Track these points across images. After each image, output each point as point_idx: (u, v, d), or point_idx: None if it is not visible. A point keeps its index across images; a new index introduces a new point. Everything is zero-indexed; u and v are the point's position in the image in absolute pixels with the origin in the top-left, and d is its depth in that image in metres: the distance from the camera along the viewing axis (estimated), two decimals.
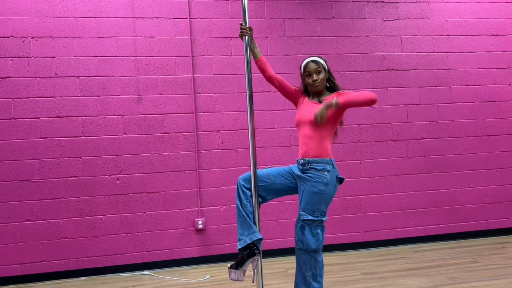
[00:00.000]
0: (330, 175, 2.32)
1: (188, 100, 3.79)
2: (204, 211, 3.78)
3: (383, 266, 3.50)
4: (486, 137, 4.29)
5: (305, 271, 2.34)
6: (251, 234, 2.31)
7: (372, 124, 4.10)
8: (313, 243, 2.31)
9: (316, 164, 2.32)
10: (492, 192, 4.28)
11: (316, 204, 2.30)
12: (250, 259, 2.29)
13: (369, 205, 4.06)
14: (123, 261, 3.64)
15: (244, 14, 2.43)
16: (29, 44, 3.55)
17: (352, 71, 4.08)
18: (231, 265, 2.29)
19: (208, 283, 3.27)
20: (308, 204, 2.31)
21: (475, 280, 3.07)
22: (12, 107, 3.51)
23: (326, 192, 2.30)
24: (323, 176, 2.30)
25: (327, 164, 2.32)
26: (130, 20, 3.72)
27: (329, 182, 2.30)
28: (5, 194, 3.48)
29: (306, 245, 2.31)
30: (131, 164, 3.68)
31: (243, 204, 2.36)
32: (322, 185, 2.29)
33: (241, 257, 2.28)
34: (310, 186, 2.31)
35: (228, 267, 2.29)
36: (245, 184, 2.39)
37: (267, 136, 3.90)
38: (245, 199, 2.36)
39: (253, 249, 2.28)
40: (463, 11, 4.31)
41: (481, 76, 4.31)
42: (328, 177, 2.31)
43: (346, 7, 4.11)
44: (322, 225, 2.35)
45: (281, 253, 3.86)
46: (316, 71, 2.44)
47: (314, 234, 2.31)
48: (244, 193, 2.38)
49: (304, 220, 2.31)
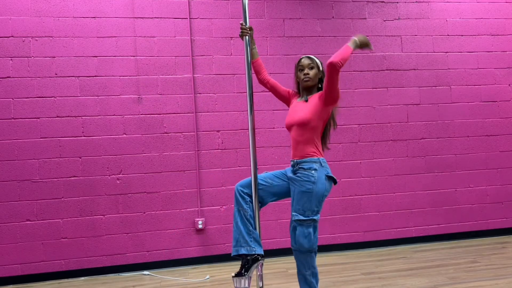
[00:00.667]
0: (318, 173, 2.31)
1: (188, 100, 3.79)
2: (204, 211, 3.78)
3: (383, 266, 3.50)
4: (486, 137, 4.29)
5: (304, 271, 2.34)
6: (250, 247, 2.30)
7: (372, 124, 4.10)
8: (306, 243, 2.29)
9: (304, 164, 2.33)
10: (492, 192, 4.28)
11: (306, 203, 2.29)
12: (255, 264, 2.28)
13: (369, 205, 4.06)
14: (123, 261, 3.64)
15: (245, 14, 2.43)
16: (29, 44, 3.55)
17: (352, 71, 4.08)
18: (235, 273, 2.25)
19: (208, 283, 3.27)
20: (299, 204, 2.31)
21: (475, 280, 3.07)
22: (12, 107, 3.52)
23: (315, 190, 2.29)
24: (309, 174, 2.30)
25: (314, 163, 2.32)
26: (130, 20, 3.72)
27: (316, 181, 2.30)
28: (5, 194, 3.48)
29: (299, 245, 2.30)
30: (131, 164, 3.68)
31: (243, 209, 2.36)
32: (309, 184, 2.29)
33: (245, 263, 2.26)
34: (299, 186, 2.32)
35: (233, 276, 2.24)
36: (243, 189, 2.39)
37: (267, 136, 3.90)
38: (245, 204, 2.36)
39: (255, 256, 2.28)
40: (463, 11, 4.31)
41: (481, 76, 4.32)
42: (315, 175, 2.30)
43: (346, 7, 4.11)
44: (314, 225, 2.32)
45: (281, 253, 3.86)
46: (309, 66, 2.45)
47: (306, 234, 2.29)
48: (243, 198, 2.38)
49: (296, 220, 2.31)
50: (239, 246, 2.32)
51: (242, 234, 2.33)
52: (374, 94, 4.11)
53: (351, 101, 4.06)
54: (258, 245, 2.33)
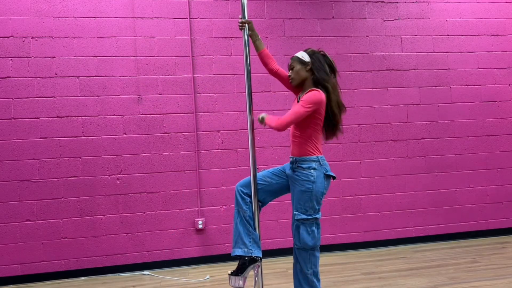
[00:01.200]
0: (317, 172, 2.32)
1: (188, 100, 3.79)
2: (204, 211, 3.78)
3: (383, 266, 3.50)
4: (486, 137, 4.29)
5: (306, 269, 2.34)
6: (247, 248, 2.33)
7: (372, 124, 4.10)
8: (310, 240, 2.32)
9: (302, 163, 2.34)
10: (492, 192, 4.28)
11: (307, 202, 2.32)
12: (252, 265, 2.30)
13: (369, 205, 4.06)
14: (123, 261, 3.64)
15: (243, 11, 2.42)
16: (29, 44, 3.55)
17: (352, 71, 4.08)
18: (231, 271, 2.29)
19: (208, 283, 3.27)
20: (300, 203, 2.33)
21: (475, 280, 3.07)
22: (12, 107, 3.51)
23: (314, 189, 2.31)
24: (309, 174, 2.32)
25: (313, 162, 2.33)
26: (130, 20, 3.72)
27: (316, 180, 2.32)
28: (5, 194, 3.48)
29: (304, 243, 2.33)
30: (131, 164, 3.68)
31: (243, 210, 2.37)
32: (309, 183, 2.31)
33: (242, 263, 2.29)
34: (299, 185, 2.34)
35: (229, 273, 2.28)
36: (243, 189, 2.41)
37: (267, 136, 3.90)
38: (245, 205, 2.37)
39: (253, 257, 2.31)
40: (463, 11, 4.31)
41: (481, 76, 4.31)
42: (314, 175, 2.32)
43: (346, 7, 4.11)
44: (316, 222, 2.36)
45: (281, 253, 3.86)
46: (290, 67, 2.48)
47: (309, 232, 2.33)
48: (243, 199, 2.39)
49: (298, 219, 2.33)
50: (237, 247, 2.35)
51: (240, 235, 2.36)
52: (374, 94, 4.11)
53: (351, 101, 4.06)
54: (256, 246, 2.35)
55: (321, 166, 2.35)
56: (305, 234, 2.32)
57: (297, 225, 2.35)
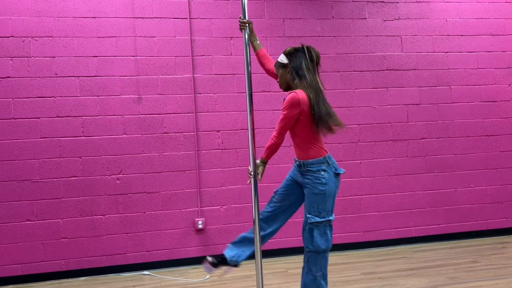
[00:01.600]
0: (328, 173, 2.30)
1: (188, 100, 3.79)
2: (204, 211, 3.78)
3: (383, 266, 3.50)
4: (486, 137, 4.29)
5: (315, 272, 2.32)
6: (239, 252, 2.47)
7: (372, 124, 4.10)
8: (323, 243, 2.30)
9: (311, 166, 2.31)
10: (492, 192, 4.28)
11: (321, 205, 2.29)
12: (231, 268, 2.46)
13: (369, 205, 4.06)
14: (123, 261, 3.64)
15: (244, 11, 2.42)
16: (29, 44, 3.55)
17: (352, 71, 4.08)
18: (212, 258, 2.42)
19: (208, 283, 3.28)
20: (313, 206, 2.30)
21: (475, 280, 3.07)
22: (12, 107, 3.52)
23: (327, 191, 2.29)
24: (320, 176, 2.29)
25: (322, 164, 2.31)
26: (130, 20, 3.72)
27: (328, 181, 2.29)
28: (5, 194, 3.48)
29: (317, 246, 2.30)
30: (131, 164, 3.68)
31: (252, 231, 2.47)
32: (321, 185, 2.28)
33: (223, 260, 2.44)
34: (311, 189, 2.31)
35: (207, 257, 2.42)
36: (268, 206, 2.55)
37: (267, 136, 3.90)
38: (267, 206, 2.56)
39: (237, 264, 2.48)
40: (463, 11, 4.31)
41: (481, 76, 4.31)
42: (326, 176, 2.29)
43: (346, 7, 4.11)
44: (330, 225, 2.33)
45: (281, 253, 3.86)
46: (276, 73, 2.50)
47: (323, 235, 2.30)
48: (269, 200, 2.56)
49: (312, 222, 2.29)
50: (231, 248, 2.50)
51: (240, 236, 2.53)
52: (374, 94, 4.11)
53: (351, 101, 4.06)
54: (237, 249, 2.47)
55: (330, 166, 2.31)
56: (319, 237, 2.29)
57: (310, 228, 2.31)
